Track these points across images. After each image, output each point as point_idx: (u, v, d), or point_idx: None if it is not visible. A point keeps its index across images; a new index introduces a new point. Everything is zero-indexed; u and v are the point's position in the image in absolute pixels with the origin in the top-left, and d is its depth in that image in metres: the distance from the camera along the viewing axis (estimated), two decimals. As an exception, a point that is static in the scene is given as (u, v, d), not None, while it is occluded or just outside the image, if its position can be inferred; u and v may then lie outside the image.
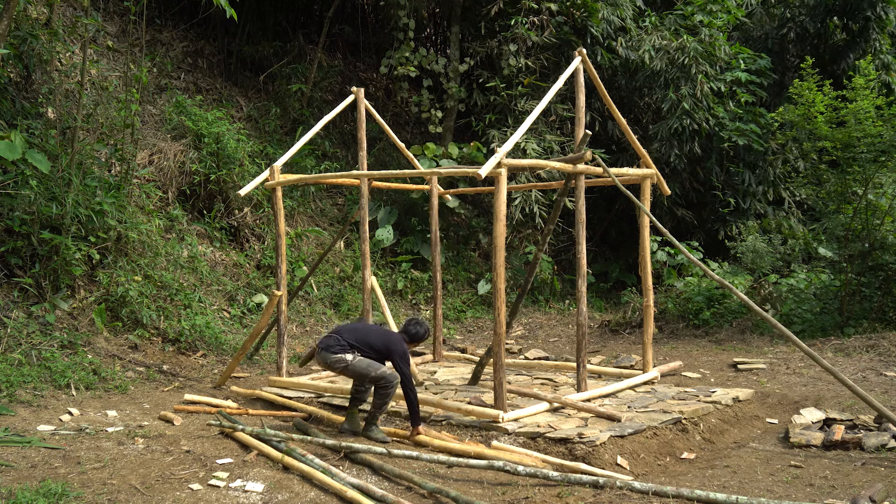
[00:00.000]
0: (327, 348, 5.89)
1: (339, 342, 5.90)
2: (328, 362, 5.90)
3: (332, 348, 5.88)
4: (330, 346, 5.89)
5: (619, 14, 12.92)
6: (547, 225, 6.98)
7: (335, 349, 5.87)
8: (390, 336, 6.00)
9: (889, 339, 8.63)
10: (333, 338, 5.95)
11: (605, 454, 5.30)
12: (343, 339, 5.90)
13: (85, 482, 4.71)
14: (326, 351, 5.89)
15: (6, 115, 8.10)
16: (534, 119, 6.47)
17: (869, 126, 9.39)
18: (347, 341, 5.89)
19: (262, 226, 10.90)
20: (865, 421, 5.89)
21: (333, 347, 5.88)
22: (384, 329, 6.25)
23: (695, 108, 12.14)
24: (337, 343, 5.90)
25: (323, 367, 6.09)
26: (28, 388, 6.48)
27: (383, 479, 4.98)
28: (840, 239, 9.96)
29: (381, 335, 5.99)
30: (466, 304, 12.18)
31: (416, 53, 12.75)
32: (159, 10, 12.45)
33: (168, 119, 10.77)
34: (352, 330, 6.04)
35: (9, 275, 7.56)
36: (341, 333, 5.97)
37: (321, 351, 5.94)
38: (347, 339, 5.91)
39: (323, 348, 5.92)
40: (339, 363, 5.85)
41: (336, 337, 5.94)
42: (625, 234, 14.06)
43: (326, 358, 5.89)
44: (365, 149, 8.11)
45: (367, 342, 5.89)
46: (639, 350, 9.16)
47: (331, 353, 5.86)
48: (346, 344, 5.88)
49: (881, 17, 13.02)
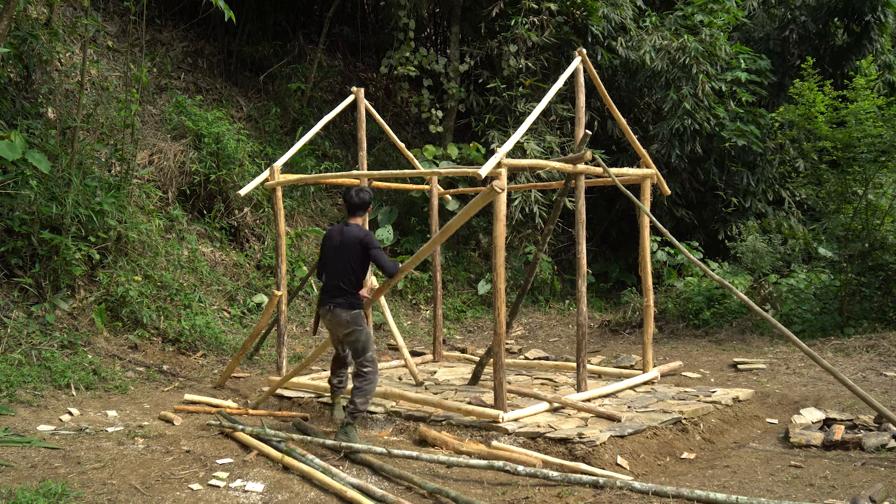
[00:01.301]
0: (339, 305, 5.53)
1: (341, 289, 5.56)
2: (342, 321, 5.55)
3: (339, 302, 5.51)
4: (335, 298, 5.51)
5: (620, 13, 12.92)
6: (547, 225, 6.98)
7: (343, 303, 5.52)
8: (350, 237, 5.60)
9: (889, 339, 8.63)
10: (334, 287, 5.57)
11: (605, 454, 5.30)
12: (341, 285, 5.55)
13: (85, 482, 4.71)
14: (340, 308, 5.54)
15: (6, 115, 8.10)
16: (534, 119, 6.47)
17: (869, 126, 9.39)
18: (343, 285, 5.54)
19: (262, 226, 10.90)
20: (865, 421, 5.89)
21: (338, 299, 5.53)
22: (341, 238, 5.70)
23: (696, 108, 12.14)
24: (339, 292, 5.55)
25: (332, 327, 5.67)
26: (28, 388, 6.48)
27: (383, 479, 4.98)
28: (840, 239, 9.96)
29: (345, 248, 5.59)
30: (466, 304, 12.18)
31: (416, 53, 12.75)
32: (159, 10, 12.45)
33: (168, 119, 10.77)
34: (332, 271, 5.62)
35: (9, 275, 7.56)
36: (331, 279, 5.59)
37: (334, 308, 5.57)
38: (341, 282, 5.55)
39: (336, 305, 5.55)
40: (353, 324, 5.53)
41: (335, 286, 5.57)
42: (625, 234, 14.07)
43: (340, 316, 5.54)
44: (365, 149, 8.11)
45: (348, 268, 5.56)
46: (639, 350, 9.16)
47: (344, 310, 5.53)
48: (345, 289, 5.54)
49: (881, 20, 13.04)
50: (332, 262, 5.67)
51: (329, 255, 5.71)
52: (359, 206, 5.80)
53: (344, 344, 5.80)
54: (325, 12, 13.75)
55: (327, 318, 5.66)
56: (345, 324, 5.60)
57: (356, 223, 5.78)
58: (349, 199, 5.78)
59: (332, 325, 5.69)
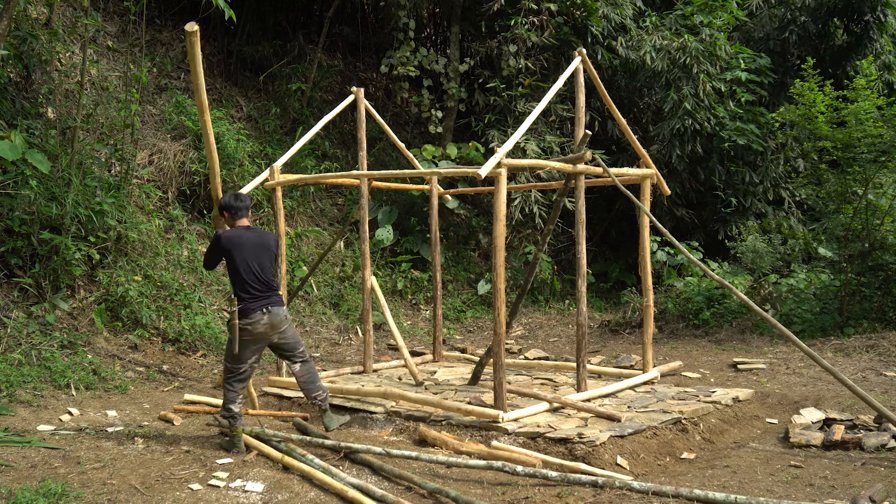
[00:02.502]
0: (275, 303, 5.43)
1: (271, 287, 5.48)
2: (282, 318, 5.48)
3: (274, 300, 5.41)
4: (269, 298, 5.39)
5: (619, 13, 12.92)
6: (547, 225, 6.98)
7: (278, 300, 5.44)
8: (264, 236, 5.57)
9: (889, 339, 8.63)
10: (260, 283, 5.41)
11: (605, 454, 5.30)
12: (271, 284, 5.48)
13: (85, 482, 4.71)
14: (277, 306, 5.45)
15: (6, 115, 8.10)
16: (534, 119, 6.47)
17: (869, 126, 9.39)
18: (272, 283, 5.47)
19: (262, 226, 10.90)
20: (865, 421, 5.89)
21: (272, 297, 5.42)
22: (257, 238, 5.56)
23: (696, 109, 12.14)
24: (271, 290, 5.45)
25: (268, 332, 5.45)
26: (28, 388, 6.49)
27: (383, 479, 4.98)
28: (840, 239, 9.96)
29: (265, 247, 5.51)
30: (466, 304, 12.18)
31: (416, 53, 12.75)
32: (159, 10, 12.45)
33: (168, 119, 10.77)
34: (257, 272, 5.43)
35: (9, 275, 7.57)
36: (258, 280, 5.42)
37: (271, 307, 5.42)
38: (270, 281, 5.46)
39: (272, 304, 5.42)
40: (288, 318, 5.52)
41: (265, 286, 5.44)
42: (625, 234, 14.07)
43: (279, 314, 5.45)
44: (365, 149, 8.11)
45: (270, 267, 5.48)
46: (639, 350, 9.16)
47: (281, 307, 5.46)
48: (275, 287, 5.49)
49: (881, 20, 13.04)
50: (254, 263, 5.45)
51: (250, 256, 5.47)
52: (245, 207, 5.61)
53: (280, 344, 5.62)
54: (325, 12, 13.75)
55: (264, 321, 5.40)
56: (284, 319, 5.52)
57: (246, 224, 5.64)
58: (231, 203, 5.54)
59: (269, 328, 5.46)
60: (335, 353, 9.51)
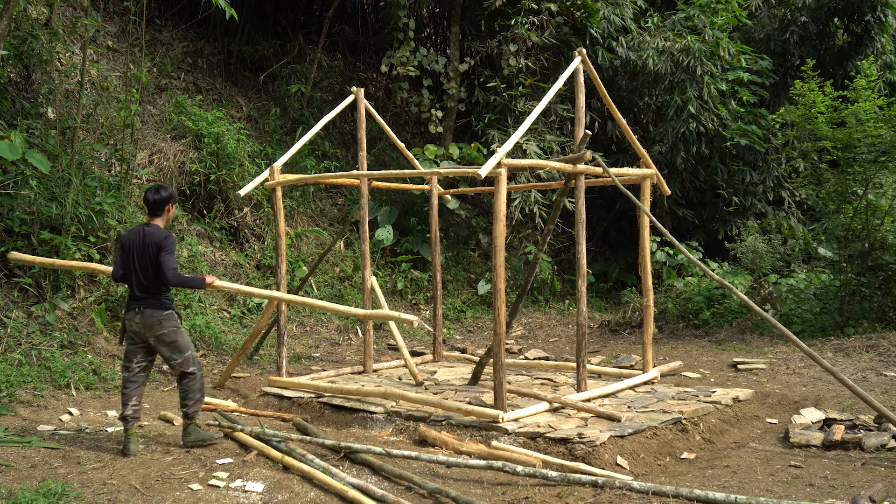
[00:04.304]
0: (150, 306, 5.23)
1: (148, 291, 5.24)
2: (154, 321, 5.24)
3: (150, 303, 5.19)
4: (144, 300, 5.17)
5: (620, 13, 12.91)
6: (547, 225, 6.98)
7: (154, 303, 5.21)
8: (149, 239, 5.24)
9: (889, 339, 8.63)
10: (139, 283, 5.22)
11: (605, 454, 5.30)
12: (149, 287, 5.23)
13: (85, 482, 4.71)
14: (151, 308, 5.24)
15: (6, 115, 8.10)
16: (534, 119, 6.47)
17: (870, 127, 9.40)
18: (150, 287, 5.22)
19: (262, 226, 10.90)
20: (865, 421, 5.89)
21: (148, 300, 5.19)
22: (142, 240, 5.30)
23: (700, 110, 12.13)
24: (147, 293, 5.21)
25: (142, 331, 5.28)
26: (28, 388, 6.49)
27: (383, 479, 4.98)
28: (840, 239, 9.96)
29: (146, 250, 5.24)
30: (466, 304, 12.18)
31: (416, 53, 12.75)
32: (159, 10, 12.45)
33: (168, 119, 10.77)
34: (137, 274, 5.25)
35: (9, 275, 7.57)
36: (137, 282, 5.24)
37: (143, 309, 5.24)
38: (148, 284, 5.23)
39: (146, 306, 5.24)
40: (167, 323, 5.26)
41: (141, 288, 5.23)
42: (625, 234, 14.07)
43: (152, 317, 5.22)
44: (365, 149, 8.11)
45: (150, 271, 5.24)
46: (639, 350, 9.16)
47: (155, 310, 5.23)
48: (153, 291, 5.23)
49: (881, 20, 13.04)
50: (136, 264, 5.32)
51: (132, 257, 5.34)
52: (155, 204, 5.42)
53: (159, 348, 5.37)
54: (325, 12, 13.75)
55: (136, 321, 5.28)
56: (157, 324, 5.28)
57: (156, 224, 5.43)
58: (146, 199, 5.43)
59: (142, 328, 5.30)
60: (335, 353, 9.51)
